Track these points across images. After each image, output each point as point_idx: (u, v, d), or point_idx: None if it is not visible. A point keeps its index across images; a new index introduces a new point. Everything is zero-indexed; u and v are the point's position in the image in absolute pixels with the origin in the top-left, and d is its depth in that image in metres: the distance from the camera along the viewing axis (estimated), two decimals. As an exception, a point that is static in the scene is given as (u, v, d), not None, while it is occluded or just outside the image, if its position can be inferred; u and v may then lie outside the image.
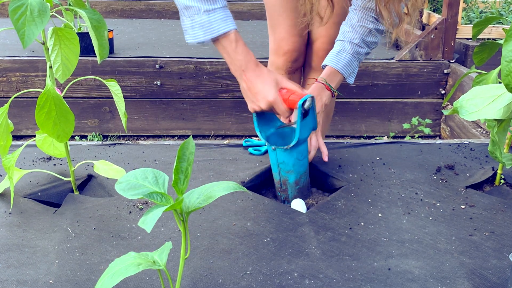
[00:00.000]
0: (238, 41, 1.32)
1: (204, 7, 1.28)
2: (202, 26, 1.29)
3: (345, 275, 1.10)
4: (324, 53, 1.76)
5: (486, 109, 1.24)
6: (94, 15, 1.24)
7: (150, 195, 0.87)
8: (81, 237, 1.22)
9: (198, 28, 1.29)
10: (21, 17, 1.09)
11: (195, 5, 1.28)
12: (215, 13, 1.29)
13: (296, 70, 1.90)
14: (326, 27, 1.74)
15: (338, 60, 1.55)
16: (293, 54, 1.83)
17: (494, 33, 3.52)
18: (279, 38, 1.82)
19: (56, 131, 1.25)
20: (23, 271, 1.10)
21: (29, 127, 3.11)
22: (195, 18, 1.29)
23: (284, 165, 1.40)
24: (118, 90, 1.36)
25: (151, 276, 1.08)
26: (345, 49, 1.54)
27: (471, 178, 1.53)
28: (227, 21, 1.30)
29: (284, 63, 1.86)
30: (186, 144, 0.90)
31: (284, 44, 1.82)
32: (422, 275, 1.10)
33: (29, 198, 1.39)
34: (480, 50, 1.52)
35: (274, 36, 1.85)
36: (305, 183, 1.44)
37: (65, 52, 1.32)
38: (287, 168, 1.40)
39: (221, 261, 1.14)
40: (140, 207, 1.35)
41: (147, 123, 3.16)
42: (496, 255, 1.17)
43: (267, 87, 1.31)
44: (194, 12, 1.29)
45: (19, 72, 3.01)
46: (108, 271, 0.86)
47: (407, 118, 3.18)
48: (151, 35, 3.84)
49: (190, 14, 1.29)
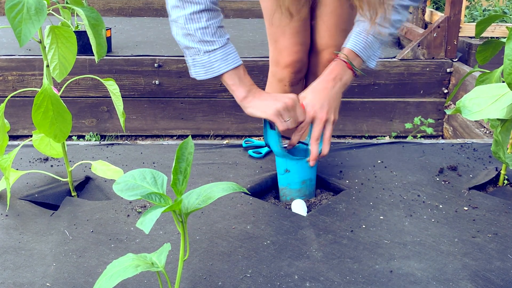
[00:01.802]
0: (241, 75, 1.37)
1: (204, 48, 1.33)
2: (203, 66, 1.35)
3: (346, 277, 1.09)
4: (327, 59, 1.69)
5: (489, 108, 1.23)
6: (92, 13, 1.23)
7: (148, 196, 0.86)
8: (79, 240, 1.21)
9: (200, 67, 1.35)
10: (17, 15, 1.08)
11: (195, 47, 1.33)
12: (215, 53, 1.33)
13: (299, 81, 1.77)
14: (333, 36, 1.62)
15: (357, 41, 1.42)
16: (297, 64, 1.69)
17: (497, 32, 3.50)
18: (280, 48, 1.69)
19: (53, 131, 1.24)
20: (20, 274, 1.09)
21: (25, 127, 3.09)
22: (196, 58, 1.35)
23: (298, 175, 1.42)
24: (116, 89, 1.35)
25: (150, 278, 1.07)
26: (365, 28, 1.41)
27: (474, 179, 1.52)
28: (227, 60, 1.35)
29: (287, 74, 1.72)
30: (185, 144, 0.89)
31: (286, 55, 1.68)
32: (424, 277, 1.09)
33: (26, 200, 1.39)
34: (483, 49, 1.51)
35: (275, 46, 1.72)
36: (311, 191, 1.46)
37: (62, 51, 1.31)
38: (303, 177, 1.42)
39: (220, 263, 1.13)
40: (139, 210, 1.34)
41: (146, 122, 3.15)
42: (499, 257, 1.16)
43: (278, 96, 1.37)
44: (194, 52, 1.34)
45: (16, 71, 2.99)
46: (106, 273, 0.86)
47: (409, 117, 3.17)
48: (149, 33, 3.83)
49: (191, 54, 1.35)
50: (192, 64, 1.36)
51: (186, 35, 1.33)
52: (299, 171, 1.41)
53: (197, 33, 1.31)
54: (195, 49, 1.33)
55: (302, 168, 1.41)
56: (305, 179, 1.43)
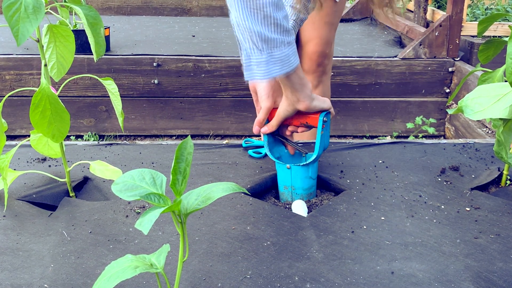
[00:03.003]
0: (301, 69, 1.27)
1: (287, 38, 1.16)
2: (282, 60, 1.17)
3: (347, 279, 1.08)
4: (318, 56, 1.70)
5: (492, 108, 1.23)
6: (90, 11, 1.23)
7: (147, 196, 0.85)
8: (77, 241, 1.20)
9: (276, 63, 1.17)
10: (15, 14, 1.08)
11: (278, 38, 1.15)
12: (292, 45, 1.19)
13: None
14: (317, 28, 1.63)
15: None
16: None
17: (500, 31, 3.49)
18: None
19: (51, 131, 1.23)
20: (17, 275, 1.08)
21: (23, 127, 3.09)
22: (274, 52, 1.16)
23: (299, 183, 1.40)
24: (115, 88, 1.34)
25: (148, 279, 1.07)
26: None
27: (476, 180, 1.51)
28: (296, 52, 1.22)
29: None
30: (184, 144, 0.89)
31: None
32: (426, 278, 1.08)
33: (24, 200, 1.38)
34: (485, 48, 1.50)
35: None
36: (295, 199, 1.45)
37: (60, 50, 1.30)
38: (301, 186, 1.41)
39: (220, 264, 1.12)
40: (137, 211, 1.33)
41: (145, 122, 3.14)
42: (502, 258, 1.15)
43: None
44: (275, 45, 1.16)
45: (13, 70, 2.98)
46: (104, 274, 0.85)
47: (410, 117, 3.16)
48: (148, 32, 3.82)
49: (269, 47, 1.16)
50: (265, 61, 1.17)
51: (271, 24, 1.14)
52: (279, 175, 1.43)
53: (284, 22, 1.16)
54: (277, 40, 1.15)
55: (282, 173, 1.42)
56: (286, 185, 1.42)
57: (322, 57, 1.72)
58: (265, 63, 1.17)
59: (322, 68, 1.76)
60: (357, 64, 3.08)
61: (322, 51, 1.68)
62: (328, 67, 1.80)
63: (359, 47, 3.39)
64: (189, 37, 3.66)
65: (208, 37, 3.62)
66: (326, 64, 1.77)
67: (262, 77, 1.18)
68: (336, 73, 3.05)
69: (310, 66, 1.73)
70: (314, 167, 1.41)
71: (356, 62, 3.08)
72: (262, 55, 1.16)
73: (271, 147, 1.43)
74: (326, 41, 1.68)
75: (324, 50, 1.68)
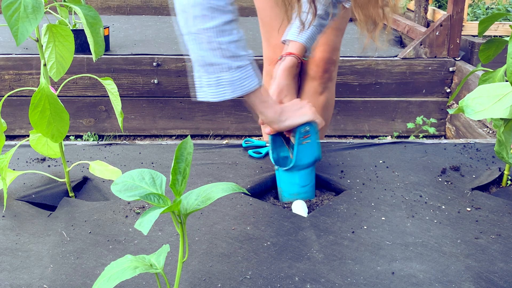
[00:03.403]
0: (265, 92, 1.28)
1: (236, 63, 1.17)
2: (232, 83, 1.18)
3: (347, 279, 1.08)
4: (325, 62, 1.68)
5: (492, 108, 1.22)
6: (90, 11, 1.22)
7: (147, 197, 0.85)
8: (76, 241, 1.20)
9: (226, 86, 1.18)
10: (14, 13, 1.08)
11: (225, 62, 1.17)
12: (247, 69, 1.20)
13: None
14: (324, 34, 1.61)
15: (302, 33, 1.43)
16: None
17: (500, 30, 3.49)
18: (274, 45, 1.70)
19: (50, 131, 1.23)
20: (17, 275, 1.08)
21: (22, 127, 3.08)
22: (223, 76, 1.18)
23: (285, 190, 1.42)
24: (114, 88, 1.34)
25: (148, 280, 1.06)
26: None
27: (477, 180, 1.51)
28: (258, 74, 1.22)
29: None
30: (184, 144, 0.88)
31: (279, 51, 1.65)
32: (426, 279, 1.08)
33: (23, 200, 1.37)
34: (486, 48, 1.50)
35: (268, 43, 1.73)
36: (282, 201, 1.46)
37: (59, 50, 1.30)
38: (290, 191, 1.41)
39: (220, 265, 1.12)
40: (137, 211, 1.32)
41: (144, 122, 3.13)
42: (503, 258, 1.15)
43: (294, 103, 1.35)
44: (221, 69, 1.17)
45: (13, 70, 2.98)
46: (104, 274, 0.85)
47: (411, 117, 3.16)
48: (148, 32, 3.81)
49: (216, 71, 1.17)
50: (214, 83, 1.18)
51: (215, 49, 1.16)
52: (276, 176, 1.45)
53: (230, 47, 1.17)
54: (224, 65, 1.17)
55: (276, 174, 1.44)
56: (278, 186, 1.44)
57: (329, 64, 1.70)
58: (214, 85, 1.19)
59: (328, 75, 1.74)
60: (357, 64, 3.08)
61: (329, 58, 1.66)
62: (334, 74, 1.79)
63: (359, 47, 3.38)
64: (189, 36, 3.66)
65: (208, 37, 3.62)
66: (333, 70, 1.76)
67: (214, 99, 1.20)
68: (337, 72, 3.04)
69: (316, 73, 1.71)
70: (303, 176, 1.40)
71: (356, 61, 3.08)
72: (210, 77, 1.19)
73: (275, 147, 1.44)
74: (333, 48, 1.66)
75: (332, 56, 1.66)
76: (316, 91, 1.78)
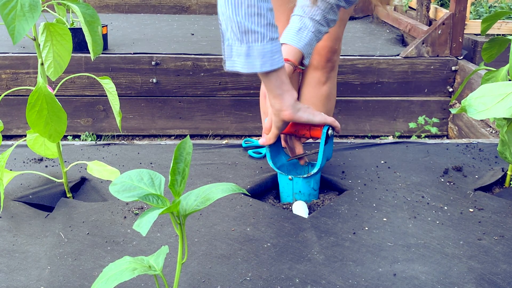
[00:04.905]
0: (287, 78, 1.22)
1: (270, 34, 1.14)
2: (263, 55, 1.14)
3: (348, 281, 1.07)
4: (327, 51, 1.70)
5: (495, 107, 1.21)
6: (88, 9, 1.21)
7: (145, 197, 0.85)
8: (74, 242, 1.19)
9: (257, 57, 1.14)
10: (11, 12, 1.07)
11: (260, 31, 1.12)
12: (276, 43, 1.16)
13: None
14: None
15: (300, 38, 1.39)
16: None
17: (503, 29, 3.48)
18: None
19: (48, 131, 1.22)
20: (14, 277, 1.07)
21: (20, 127, 3.07)
22: (255, 46, 1.13)
23: (300, 195, 1.39)
24: (113, 88, 1.33)
25: (147, 282, 1.06)
26: (306, 26, 1.36)
27: (479, 180, 1.50)
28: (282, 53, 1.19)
29: None
30: (183, 144, 0.88)
31: None
32: (429, 280, 1.07)
33: (20, 201, 1.37)
34: (489, 46, 1.49)
35: None
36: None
37: (57, 49, 1.29)
38: (303, 198, 1.39)
39: (219, 266, 1.11)
40: (136, 212, 1.32)
41: (143, 122, 3.12)
42: (506, 259, 1.14)
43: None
44: (256, 39, 1.13)
45: (9, 69, 2.96)
46: (102, 276, 0.84)
47: (413, 117, 3.14)
48: (146, 30, 3.80)
49: (249, 40, 1.13)
50: (245, 53, 1.14)
51: (254, 15, 1.12)
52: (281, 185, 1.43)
53: (268, 14, 1.12)
54: (259, 34, 1.12)
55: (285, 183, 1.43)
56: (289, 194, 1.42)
57: (332, 53, 1.71)
58: (245, 55, 1.14)
59: (331, 64, 1.76)
60: (358, 63, 3.07)
61: (331, 46, 1.67)
62: (336, 63, 1.81)
63: (360, 46, 3.37)
64: (188, 35, 3.65)
65: (208, 36, 3.61)
66: (335, 60, 1.78)
67: (243, 69, 1.15)
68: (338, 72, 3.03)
69: (319, 62, 1.73)
70: (316, 179, 1.39)
71: (357, 60, 3.07)
72: (241, 46, 1.14)
73: (273, 156, 1.40)
74: (336, 36, 1.67)
75: (334, 45, 1.67)
76: (319, 81, 1.79)
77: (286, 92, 1.22)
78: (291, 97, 1.23)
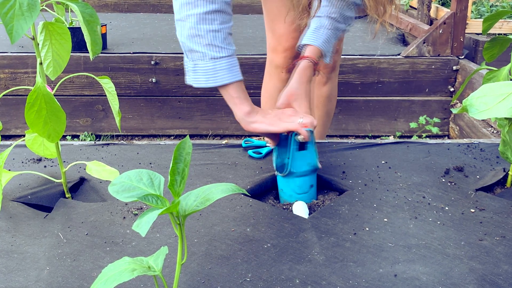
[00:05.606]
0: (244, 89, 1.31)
1: (211, 53, 1.25)
2: (206, 73, 1.27)
3: (349, 281, 1.07)
4: None
5: (497, 107, 1.21)
6: (87, 9, 1.21)
7: (145, 198, 0.84)
8: (73, 243, 1.18)
9: (201, 74, 1.27)
10: (9, 11, 1.06)
11: (201, 51, 1.25)
12: (221, 62, 1.26)
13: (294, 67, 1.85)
14: None
15: (317, 36, 1.44)
16: (293, 50, 1.75)
17: (505, 28, 3.48)
18: (279, 35, 1.76)
19: (46, 131, 1.22)
20: (12, 278, 1.06)
21: (18, 126, 3.06)
22: (199, 64, 1.27)
23: (283, 193, 1.42)
24: (112, 87, 1.33)
25: (146, 282, 1.05)
26: (323, 24, 1.44)
27: (481, 180, 1.50)
28: (233, 71, 1.28)
29: (284, 60, 1.80)
30: (182, 144, 0.88)
31: (284, 41, 1.76)
32: (430, 281, 1.07)
33: (19, 201, 1.36)
34: (490, 46, 1.48)
35: (273, 33, 1.79)
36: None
37: (56, 48, 1.29)
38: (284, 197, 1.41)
39: (219, 267, 1.10)
40: (135, 213, 1.31)
41: (142, 122, 3.12)
42: (507, 260, 1.14)
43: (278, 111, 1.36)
44: (198, 57, 1.26)
45: (8, 68, 2.96)
46: (101, 277, 0.84)
47: (414, 117, 3.14)
48: (146, 30, 3.80)
49: (194, 58, 1.27)
50: (192, 69, 1.28)
51: (193, 36, 1.25)
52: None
53: (207, 35, 1.24)
54: (200, 53, 1.25)
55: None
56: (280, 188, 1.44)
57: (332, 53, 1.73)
58: (192, 71, 1.29)
59: (331, 64, 1.76)
60: (359, 63, 3.06)
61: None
62: (337, 63, 1.82)
63: (361, 45, 3.37)
64: (188, 35, 3.64)
65: (207, 36, 3.61)
66: (336, 60, 1.79)
67: (193, 83, 1.29)
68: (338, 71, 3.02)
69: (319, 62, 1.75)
70: (300, 183, 1.39)
71: (358, 60, 3.06)
72: (190, 63, 1.29)
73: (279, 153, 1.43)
74: None
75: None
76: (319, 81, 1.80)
77: (235, 105, 1.32)
78: (240, 111, 1.32)
